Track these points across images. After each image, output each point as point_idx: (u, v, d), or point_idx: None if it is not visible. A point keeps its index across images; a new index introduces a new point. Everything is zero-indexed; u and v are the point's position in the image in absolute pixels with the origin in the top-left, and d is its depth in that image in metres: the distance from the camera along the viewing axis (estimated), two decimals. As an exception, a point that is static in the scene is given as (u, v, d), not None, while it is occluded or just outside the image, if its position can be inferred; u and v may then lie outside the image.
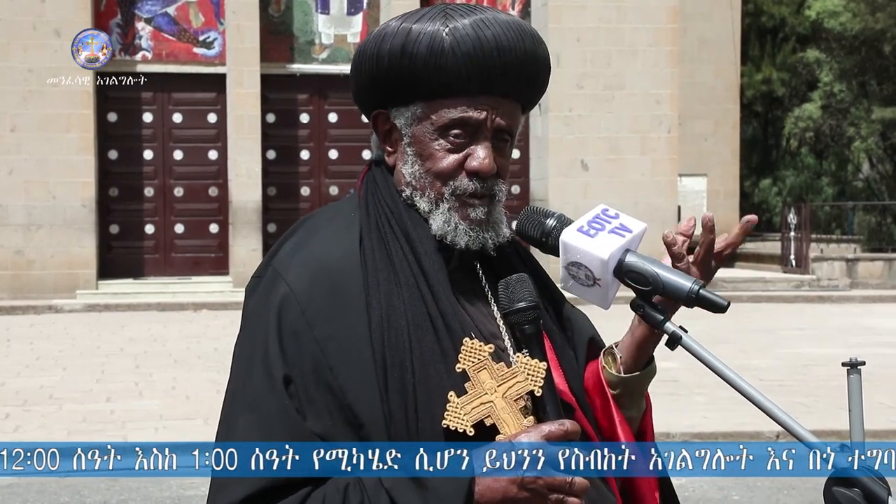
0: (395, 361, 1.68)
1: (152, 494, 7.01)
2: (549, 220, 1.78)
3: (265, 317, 1.73)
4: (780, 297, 18.77)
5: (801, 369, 11.21)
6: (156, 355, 12.20)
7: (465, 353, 1.69)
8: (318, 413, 1.67)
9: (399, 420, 1.66)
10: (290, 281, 1.73)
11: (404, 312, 1.71)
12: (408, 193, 1.79)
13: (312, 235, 1.80)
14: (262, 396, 1.68)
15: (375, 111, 1.82)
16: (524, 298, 1.74)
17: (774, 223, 28.02)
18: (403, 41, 1.73)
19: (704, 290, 1.67)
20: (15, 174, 17.35)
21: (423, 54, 1.72)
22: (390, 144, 1.82)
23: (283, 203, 18.73)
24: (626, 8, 18.68)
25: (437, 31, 1.73)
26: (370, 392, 1.67)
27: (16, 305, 16.64)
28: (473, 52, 1.73)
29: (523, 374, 1.70)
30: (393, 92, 1.78)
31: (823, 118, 28.67)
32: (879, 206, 27.18)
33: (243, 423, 1.69)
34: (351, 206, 1.84)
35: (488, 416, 1.67)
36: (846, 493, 1.56)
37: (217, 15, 18.39)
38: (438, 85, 1.75)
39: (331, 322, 1.71)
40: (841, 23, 26.65)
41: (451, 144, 1.77)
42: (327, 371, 1.68)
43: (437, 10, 1.77)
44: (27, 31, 17.32)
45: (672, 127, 18.99)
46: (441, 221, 1.76)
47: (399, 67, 1.74)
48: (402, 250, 1.75)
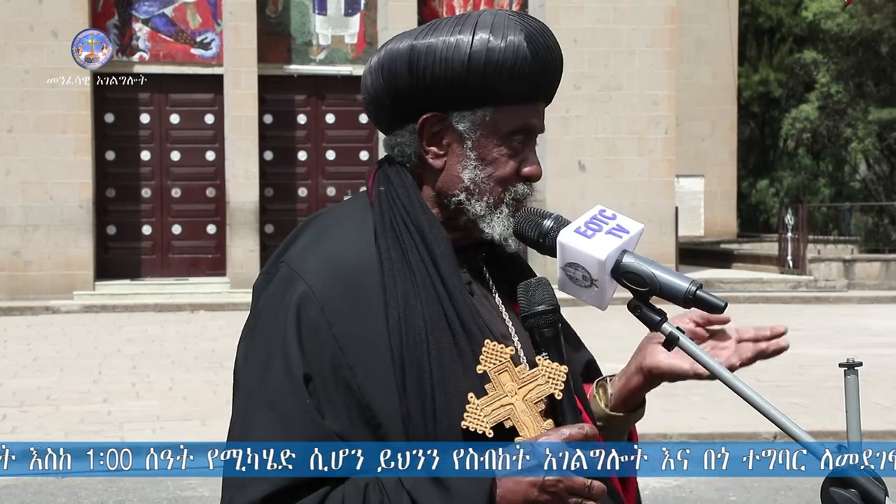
0: (413, 361, 1.68)
1: (149, 495, 7.01)
2: (546, 221, 1.78)
3: (282, 314, 1.72)
4: (777, 298, 18.79)
5: (798, 370, 11.21)
6: (153, 356, 12.20)
7: (487, 355, 1.70)
8: (336, 412, 1.67)
9: (417, 420, 1.67)
10: (308, 279, 1.72)
11: (422, 312, 1.71)
12: (461, 198, 1.79)
13: (325, 234, 1.79)
14: (282, 395, 1.68)
15: (427, 114, 1.79)
16: (545, 301, 1.75)
17: (772, 224, 28.04)
18: (486, 48, 1.74)
19: (702, 290, 1.67)
20: (12, 175, 17.34)
21: (509, 63, 1.74)
22: (439, 147, 1.81)
23: (281, 204, 18.73)
24: (623, 9, 18.69)
25: (520, 41, 1.75)
26: (388, 391, 1.67)
27: (13, 306, 16.63)
28: (546, 61, 1.78)
29: (544, 378, 1.71)
30: (460, 96, 1.77)
31: (820, 119, 28.68)
32: (876, 206, 27.20)
33: (262, 422, 1.68)
34: (360, 204, 1.84)
35: (508, 418, 1.68)
36: (843, 493, 1.56)
37: (214, 16, 18.39)
38: (513, 92, 1.77)
39: (350, 320, 1.71)
40: (838, 24, 26.66)
41: (512, 150, 1.80)
42: (347, 369, 1.68)
43: (502, 17, 1.77)
44: (24, 31, 17.31)
45: (669, 128, 19.00)
46: (503, 226, 1.79)
47: (480, 75, 1.75)
48: (418, 250, 1.75)
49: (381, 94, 1.81)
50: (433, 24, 1.81)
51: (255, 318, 1.78)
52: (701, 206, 25.32)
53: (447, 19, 1.81)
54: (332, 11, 18.76)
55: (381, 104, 1.83)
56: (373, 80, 1.82)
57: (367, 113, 1.89)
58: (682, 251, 20.59)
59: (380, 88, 1.81)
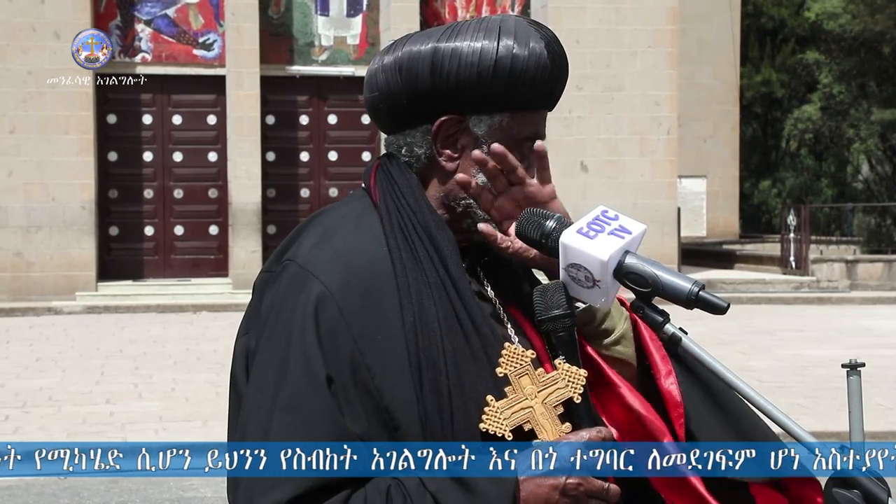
0: (430, 362, 1.68)
1: (152, 496, 7.01)
2: (548, 222, 1.78)
3: (298, 315, 1.70)
4: (779, 299, 18.78)
5: (800, 371, 11.21)
6: (155, 357, 12.20)
7: (507, 359, 1.70)
8: (356, 414, 1.66)
9: (435, 422, 1.66)
10: (324, 279, 1.71)
11: (436, 313, 1.71)
12: (471, 201, 1.81)
13: (333, 234, 1.78)
14: (303, 397, 1.66)
15: (445, 116, 1.80)
16: (560, 305, 1.75)
17: (774, 225, 28.02)
18: (511, 55, 1.77)
19: (704, 291, 1.68)
20: (14, 176, 17.35)
21: (532, 70, 1.77)
22: (453, 150, 1.81)
23: (283, 205, 18.74)
24: (625, 10, 18.69)
25: (541, 48, 1.78)
26: (406, 393, 1.67)
27: (15, 307, 16.64)
28: (560, 69, 1.82)
29: (564, 381, 1.72)
30: (481, 100, 1.79)
31: (823, 119, 28.69)
32: (879, 207, 27.19)
33: (282, 424, 1.66)
34: (364, 204, 1.83)
35: (527, 421, 1.68)
36: (846, 494, 1.56)
37: (217, 17, 18.40)
38: (530, 98, 1.80)
39: (367, 322, 1.70)
40: (840, 24, 26.66)
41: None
42: (365, 371, 1.67)
43: (521, 24, 1.81)
44: (26, 32, 17.32)
45: (671, 128, 19.00)
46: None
47: (504, 81, 1.77)
48: (428, 252, 1.75)
49: (398, 94, 1.81)
50: (454, 27, 1.82)
51: (263, 317, 1.76)
52: (703, 206, 25.30)
53: (468, 23, 1.83)
54: (334, 12, 18.77)
55: (398, 103, 1.82)
56: (387, 79, 1.82)
57: (375, 111, 1.87)
58: (684, 252, 20.58)
59: (397, 88, 1.81)
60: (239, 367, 1.79)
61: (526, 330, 1.82)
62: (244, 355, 1.78)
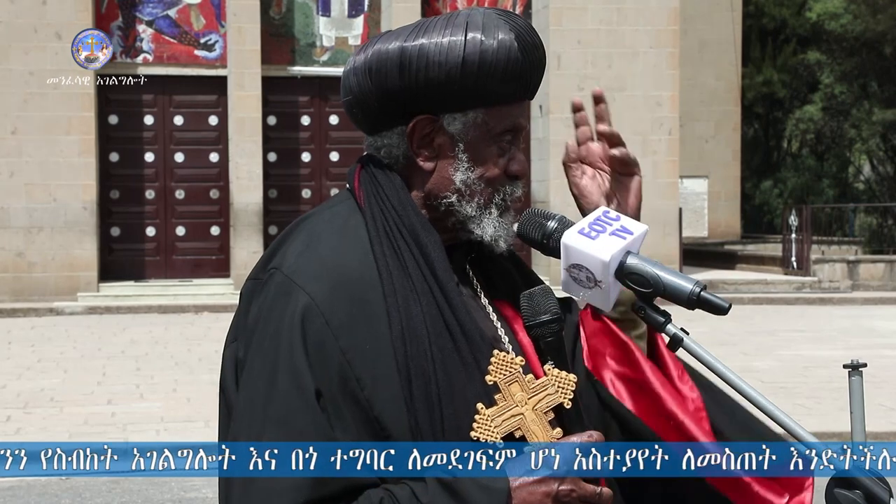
0: (419, 371, 1.66)
1: (153, 497, 7.01)
2: (550, 223, 1.78)
3: (285, 327, 1.67)
4: (781, 299, 18.78)
5: (802, 371, 11.20)
6: (157, 357, 12.21)
7: (496, 366, 1.68)
8: (346, 426, 1.64)
9: (426, 431, 1.65)
10: (309, 290, 1.68)
11: (423, 320, 1.68)
12: (452, 199, 1.77)
13: (318, 240, 1.76)
14: (292, 411, 1.64)
15: (419, 117, 1.76)
16: (549, 310, 1.74)
17: (775, 225, 28.02)
18: (479, 49, 1.72)
19: (706, 292, 1.67)
20: (16, 176, 17.36)
21: (502, 63, 1.73)
22: (429, 150, 1.78)
23: (285, 205, 18.74)
24: (626, 10, 18.69)
25: (510, 40, 1.73)
26: (396, 403, 1.65)
27: (17, 308, 16.65)
28: (533, 59, 1.77)
29: (554, 387, 1.71)
30: (453, 98, 1.75)
31: (824, 120, 28.68)
32: (881, 207, 27.18)
33: (271, 440, 1.64)
34: (348, 207, 1.80)
35: (518, 428, 1.67)
36: (847, 494, 1.56)
37: (218, 17, 18.41)
38: (504, 92, 1.76)
39: (354, 332, 1.67)
40: (842, 24, 26.66)
41: (501, 150, 1.78)
42: (354, 382, 1.65)
43: (490, 16, 1.76)
44: (28, 33, 17.33)
45: (673, 129, 18.99)
46: (493, 227, 1.78)
47: (474, 76, 1.73)
48: (414, 256, 1.72)
49: (368, 96, 1.78)
50: (422, 24, 1.78)
51: (250, 326, 1.73)
52: (704, 207, 25.30)
53: (436, 19, 1.79)
54: (335, 13, 18.78)
55: (368, 106, 1.79)
56: (359, 81, 1.78)
57: (350, 114, 1.85)
58: (685, 252, 20.57)
59: (367, 90, 1.77)
60: (228, 375, 1.77)
61: (516, 329, 1.81)
62: (233, 364, 1.75)
